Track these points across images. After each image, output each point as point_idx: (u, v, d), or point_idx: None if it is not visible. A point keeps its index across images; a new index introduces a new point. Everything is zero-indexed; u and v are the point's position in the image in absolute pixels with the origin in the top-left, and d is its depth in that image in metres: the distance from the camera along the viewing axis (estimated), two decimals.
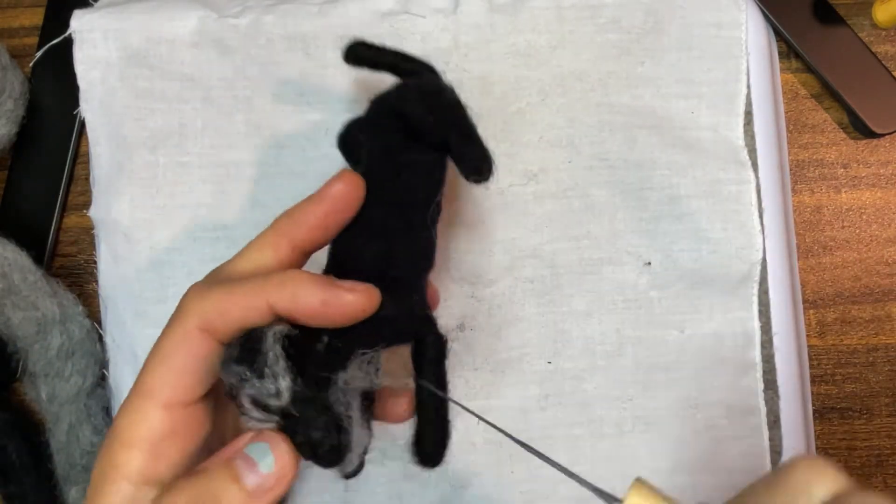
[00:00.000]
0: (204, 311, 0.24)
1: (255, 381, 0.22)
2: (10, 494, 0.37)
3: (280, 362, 0.23)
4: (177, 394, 0.24)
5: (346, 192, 0.27)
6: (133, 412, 0.24)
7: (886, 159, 0.42)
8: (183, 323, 0.25)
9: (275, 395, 0.22)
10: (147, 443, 0.24)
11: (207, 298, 0.25)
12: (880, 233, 0.42)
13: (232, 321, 0.24)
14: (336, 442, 0.23)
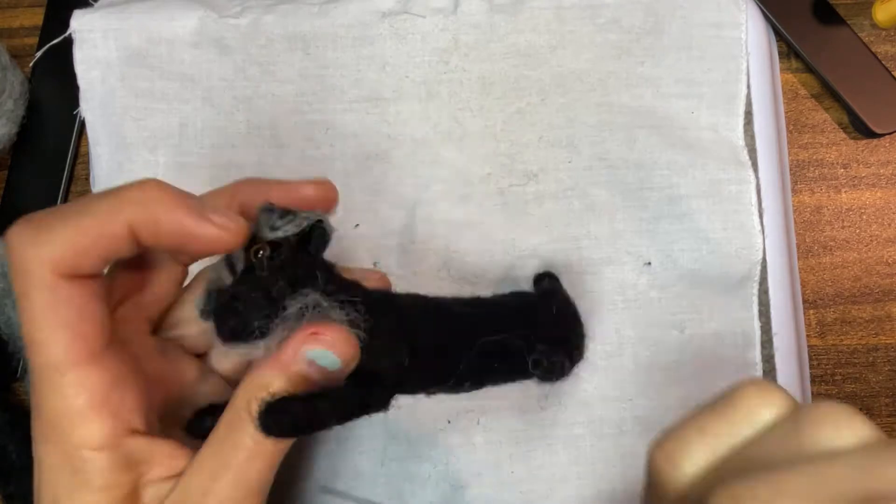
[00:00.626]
0: (52, 258, 0.21)
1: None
2: (10, 494, 0.37)
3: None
4: (88, 347, 0.21)
5: (318, 196, 0.27)
6: (54, 391, 0.21)
7: (886, 159, 0.42)
8: (32, 279, 0.21)
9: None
10: (110, 407, 0.22)
11: (49, 241, 0.21)
12: (880, 233, 0.42)
13: (92, 258, 0.21)
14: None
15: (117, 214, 0.21)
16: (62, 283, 0.21)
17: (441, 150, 0.39)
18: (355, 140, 0.39)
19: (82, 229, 0.21)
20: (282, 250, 0.24)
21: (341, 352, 0.23)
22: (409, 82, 0.39)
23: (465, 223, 0.38)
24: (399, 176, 0.39)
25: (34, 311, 0.21)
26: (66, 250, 0.21)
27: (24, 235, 0.21)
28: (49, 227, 0.21)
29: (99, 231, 0.21)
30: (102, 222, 0.21)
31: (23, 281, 0.21)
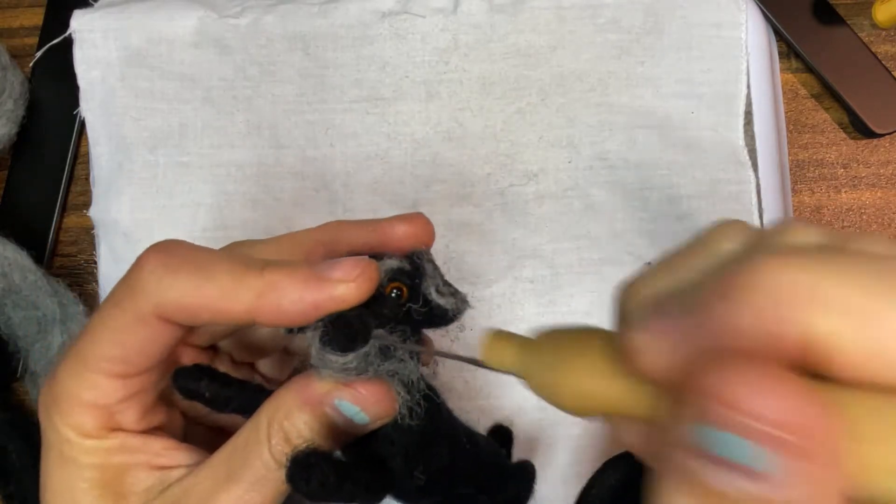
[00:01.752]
0: (164, 301, 0.21)
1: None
2: (10, 494, 0.37)
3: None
4: (128, 369, 0.22)
5: (411, 234, 0.25)
6: (83, 377, 0.22)
7: (886, 159, 0.42)
8: (137, 303, 0.21)
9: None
10: (100, 406, 0.22)
11: (171, 286, 0.21)
12: (880, 233, 0.42)
13: (195, 320, 0.22)
14: None
15: (238, 299, 0.21)
16: (153, 322, 0.22)
17: (441, 150, 0.39)
18: (355, 140, 0.39)
19: (203, 296, 0.21)
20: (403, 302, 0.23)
21: (372, 410, 0.22)
22: (409, 82, 0.39)
23: (465, 223, 0.38)
24: (399, 176, 0.39)
25: (117, 317, 0.22)
26: (177, 304, 0.21)
27: (160, 263, 0.21)
28: (177, 276, 0.21)
29: (217, 307, 0.21)
30: (223, 301, 0.21)
31: (128, 291, 0.22)
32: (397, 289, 0.23)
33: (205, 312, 0.21)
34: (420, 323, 0.24)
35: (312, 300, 0.21)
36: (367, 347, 0.21)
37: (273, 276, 0.21)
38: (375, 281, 0.22)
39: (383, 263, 0.23)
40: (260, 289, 0.21)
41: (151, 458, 0.23)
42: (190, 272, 0.21)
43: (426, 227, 0.26)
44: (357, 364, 0.22)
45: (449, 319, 0.24)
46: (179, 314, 0.21)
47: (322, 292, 0.21)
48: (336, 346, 0.21)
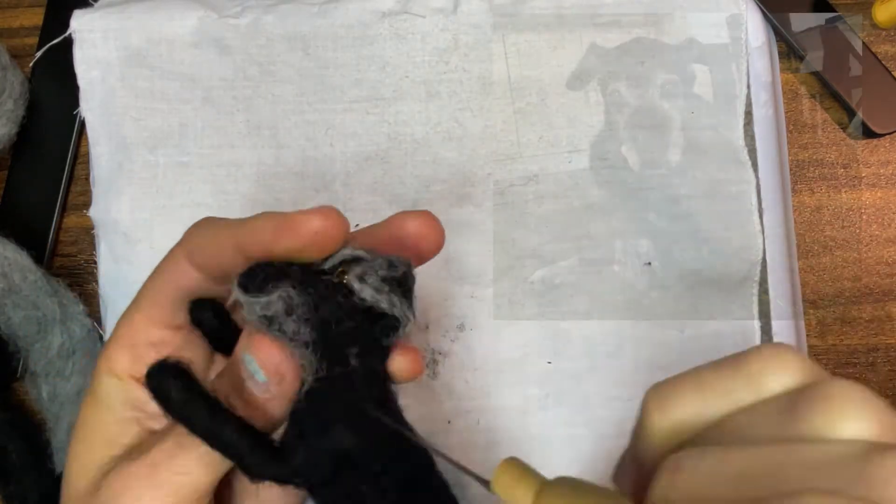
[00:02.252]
0: (191, 244, 0.25)
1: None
2: (10, 494, 0.37)
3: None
4: (157, 313, 0.25)
5: (423, 231, 0.25)
6: (125, 318, 0.25)
7: (886, 159, 0.42)
8: (177, 248, 0.25)
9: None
10: (131, 345, 0.25)
11: (199, 233, 0.24)
12: (880, 233, 0.42)
13: (209, 259, 0.24)
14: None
15: (231, 234, 0.23)
16: (183, 263, 0.25)
17: (441, 150, 0.39)
18: (355, 140, 0.39)
19: (211, 235, 0.24)
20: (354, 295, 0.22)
21: (268, 368, 0.22)
22: (409, 82, 0.39)
23: (465, 223, 0.38)
24: (399, 176, 0.39)
25: (162, 263, 0.25)
26: (197, 243, 0.24)
27: (204, 219, 0.25)
28: (205, 224, 0.25)
29: (218, 241, 0.24)
30: (222, 236, 0.24)
31: (179, 241, 0.25)
32: (342, 273, 0.23)
33: (212, 247, 0.24)
34: (363, 325, 0.22)
35: (276, 224, 0.22)
36: (272, 296, 0.21)
37: (257, 215, 0.23)
38: (334, 225, 0.22)
39: (348, 249, 0.23)
40: (246, 221, 0.23)
41: (146, 419, 0.25)
42: (212, 221, 0.24)
43: (435, 228, 0.26)
44: (269, 314, 0.21)
45: (390, 325, 0.23)
46: (199, 253, 0.24)
47: (286, 218, 0.22)
48: (241, 279, 0.22)
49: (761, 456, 0.15)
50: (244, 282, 0.22)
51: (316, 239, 0.22)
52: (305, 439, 0.22)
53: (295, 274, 0.22)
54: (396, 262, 0.23)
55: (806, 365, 0.17)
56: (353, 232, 0.25)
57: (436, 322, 0.38)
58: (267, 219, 0.22)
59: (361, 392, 0.22)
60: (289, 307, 0.22)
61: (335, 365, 0.22)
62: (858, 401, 0.15)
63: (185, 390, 0.21)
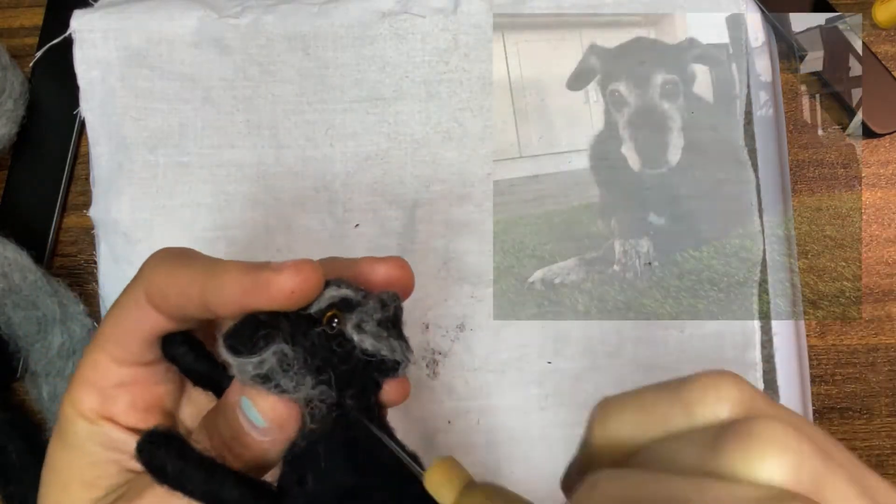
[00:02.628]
0: (151, 284, 0.23)
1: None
2: (10, 494, 0.37)
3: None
4: (122, 353, 0.24)
5: (392, 278, 0.24)
6: (89, 356, 0.24)
7: (886, 159, 0.42)
8: (136, 287, 0.23)
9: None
10: (97, 387, 0.24)
11: (159, 273, 0.23)
12: (880, 233, 0.42)
13: (171, 306, 0.23)
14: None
15: (196, 283, 0.22)
16: (144, 305, 0.23)
17: (441, 150, 0.39)
18: (355, 140, 0.39)
19: (174, 281, 0.22)
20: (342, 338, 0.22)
21: (268, 415, 0.22)
22: (409, 82, 0.39)
23: (465, 223, 0.38)
24: (399, 176, 0.39)
25: (122, 301, 0.24)
26: (158, 287, 0.23)
27: (160, 254, 0.24)
28: (164, 263, 0.23)
29: (182, 290, 0.22)
30: (187, 285, 0.22)
31: (135, 276, 0.24)
32: (333, 317, 0.22)
33: (175, 297, 0.22)
34: (359, 369, 0.22)
35: (245, 285, 0.21)
36: (265, 356, 0.21)
37: (225, 265, 0.22)
38: (309, 281, 0.21)
39: (331, 289, 0.22)
40: (213, 275, 0.22)
41: (126, 459, 0.24)
42: (174, 262, 0.23)
43: (406, 272, 0.24)
44: (263, 372, 0.21)
45: (389, 367, 0.23)
46: (160, 298, 0.23)
47: (256, 278, 0.21)
48: (227, 341, 0.21)
49: (673, 488, 0.15)
50: (233, 343, 0.21)
51: (291, 298, 0.21)
52: (305, 485, 0.22)
53: (284, 326, 0.21)
54: (387, 299, 0.23)
55: (745, 396, 0.17)
56: (322, 261, 0.24)
57: (436, 322, 0.38)
58: (235, 276, 0.21)
59: (358, 430, 0.22)
60: (283, 364, 0.21)
61: (332, 408, 0.22)
62: (780, 443, 0.15)
63: (179, 460, 0.21)
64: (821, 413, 0.41)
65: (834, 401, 0.41)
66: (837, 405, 0.41)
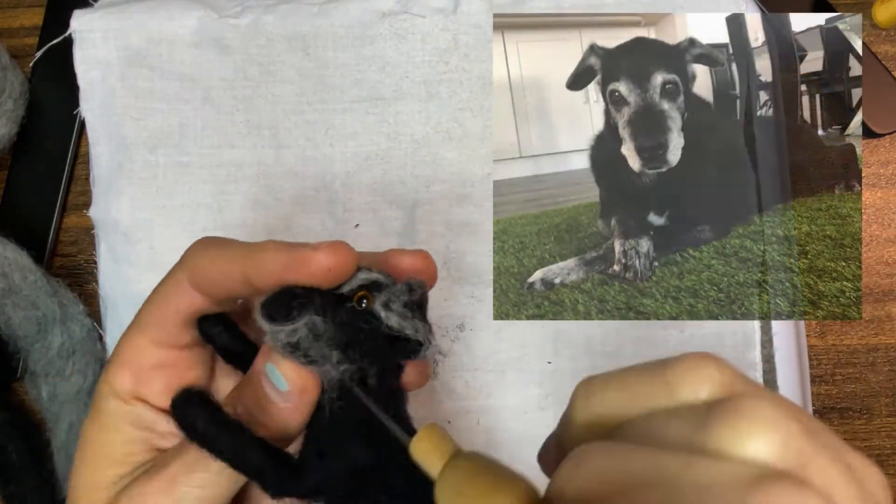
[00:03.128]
0: (194, 268, 0.24)
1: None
2: (10, 494, 0.37)
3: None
4: (161, 335, 0.25)
5: (417, 269, 0.25)
6: (127, 339, 0.25)
7: (886, 159, 0.42)
8: (178, 271, 0.25)
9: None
10: (134, 367, 0.25)
11: (203, 256, 0.24)
12: (880, 233, 0.42)
13: (213, 286, 0.24)
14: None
15: (238, 263, 0.23)
16: (186, 288, 0.24)
17: (441, 150, 0.39)
18: (355, 140, 0.39)
19: (217, 263, 0.24)
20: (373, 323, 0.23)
21: (291, 378, 0.23)
22: (409, 82, 0.39)
23: (465, 223, 0.38)
24: (399, 176, 0.39)
25: (163, 286, 0.25)
26: (201, 270, 0.24)
27: (203, 241, 0.25)
28: (208, 249, 0.24)
29: (224, 270, 0.23)
30: (229, 264, 0.23)
31: (178, 262, 0.25)
32: (363, 298, 0.23)
33: (217, 274, 0.23)
34: (384, 347, 0.23)
35: (284, 261, 0.22)
36: (298, 324, 0.22)
37: (265, 243, 0.23)
38: (345, 261, 0.22)
39: (363, 272, 0.23)
40: (254, 251, 0.23)
41: (155, 438, 0.25)
42: (216, 244, 0.24)
43: (430, 264, 0.25)
44: (294, 340, 0.22)
45: (411, 349, 0.24)
46: (203, 278, 0.24)
47: (295, 254, 0.22)
48: (265, 309, 0.22)
49: (660, 462, 0.15)
50: (270, 311, 0.22)
51: (327, 275, 0.22)
52: (325, 458, 0.23)
53: (317, 300, 0.22)
54: (415, 285, 0.24)
55: (726, 377, 0.17)
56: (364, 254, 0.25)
57: (436, 322, 0.38)
58: (276, 252, 0.22)
59: (379, 410, 0.23)
60: (314, 334, 0.22)
61: (355, 386, 0.23)
62: (767, 419, 0.15)
63: (211, 419, 0.22)
64: (821, 413, 0.41)
65: (834, 401, 0.41)
66: (837, 405, 0.41)
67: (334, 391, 0.23)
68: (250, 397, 0.23)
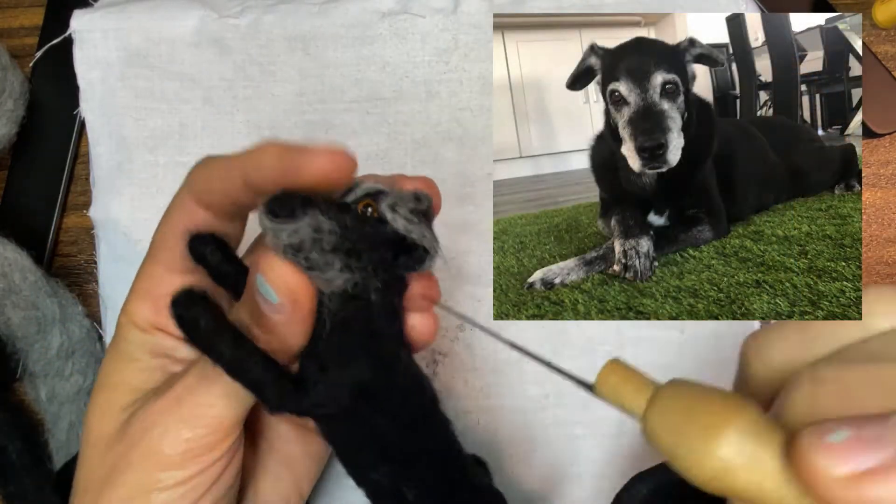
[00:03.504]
0: (195, 180, 0.24)
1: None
2: (10, 494, 0.37)
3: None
4: (173, 260, 0.25)
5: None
6: (143, 269, 0.26)
7: (886, 159, 0.42)
8: (181, 189, 0.25)
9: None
10: (151, 296, 0.25)
11: (203, 167, 0.24)
12: (880, 233, 0.42)
13: (214, 193, 0.24)
14: None
15: (237, 166, 0.23)
16: (189, 205, 0.25)
17: (441, 150, 0.39)
18: (355, 140, 0.39)
19: (216, 171, 0.24)
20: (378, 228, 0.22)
21: (280, 289, 0.21)
22: (409, 82, 0.39)
23: (465, 223, 0.38)
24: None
25: (169, 210, 0.25)
26: (202, 181, 0.24)
27: (206, 158, 0.25)
28: (208, 162, 0.24)
29: (224, 175, 0.24)
30: (228, 169, 0.24)
31: (183, 183, 0.25)
32: (368, 206, 0.22)
33: (219, 182, 0.24)
34: (388, 256, 0.22)
35: (283, 161, 0.22)
36: (301, 223, 0.21)
37: (264, 145, 0.23)
38: (343, 166, 0.22)
39: (367, 183, 0.22)
40: (253, 154, 0.23)
41: (173, 364, 0.25)
42: (215, 157, 0.24)
43: (434, 189, 0.25)
44: (296, 241, 0.21)
45: (417, 258, 0.23)
46: (205, 191, 0.24)
47: (293, 156, 0.22)
48: (269, 205, 0.21)
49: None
50: (272, 207, 0.21)
51: (325, 179, 0.22)
52: (326, 372, 0.22)
53: (322, 203, 0.21)
54: (421, 195, 0.23)
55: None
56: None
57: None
58: (274, 153, 0.22)
59: (381, 326, 0.22)
60: (317, 236, 0.21)
61: (357, 299, 0.22)
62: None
63: (212, 319, 0.21)
64: None
65: None
66: None
67: (336, 302, 0.22)
68: (245, 312, 0.23)
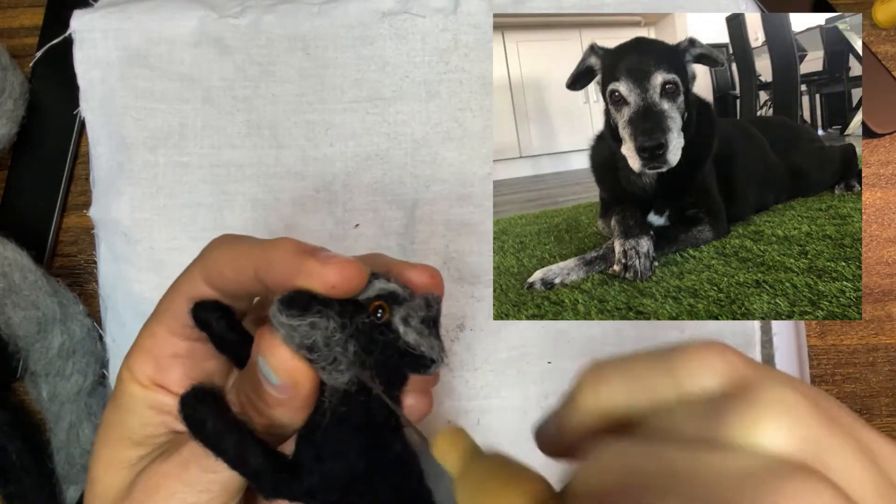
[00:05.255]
0: (207, 263, 0.25)
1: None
2: (10, 494, 0.37)
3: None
4: (176, 326, 0.26)
5: (425, 284, 0.25)
6: (147, 327, 0.26)
7: (886, 159, 0.42)
8: (194, 265, 0.26)
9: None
10: (153, 355, 0.26)
11: (215, 250, 0.25)
12: (880, 233, 0.42)
13: (224, 281, 0.24)
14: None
15: (250, 260, 0.24)
16: (200, 284, 0.25)
17: (441, 149, 0.39)
18: (355, 140, 0.39)
19: (229, 261, 0.24)
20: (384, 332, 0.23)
21: (281, 372, 0.22)
22: (409, 82, 0.39)
23: (465, 223, 0.38)
24: (399, 176, 0.39)
25: (181, 278, 0.26)
26: (214, 265, 0.25)
27: (223, 238, 0.26)
28: (223, 245, 0.25)
29: (236, 267, 0.24)
30: (240, 261, 0.24)
31: (197, 257, 0.26)
32: (380, 307, 0.23)
33: (230, 271, 0.24)
34: (394, 360, 0.23)
35: (294, 267, 0.22)
36: (316, 321, 0.21)
37: (278, 242, 0.23)
38: (352, 281, 0.22)
39: (380, 281, 0.23)
40: (266, 250, 0.23)
41: (174, 421, 0.26)
42: (231, 240, 0.25)
43: (438, 281, 0.25)
44: (309, 342, 0.22)
45: (422, 364, 0.24)
46: (216, 275, 0.25)
47: (303, 263, 0.22)
48: (284, 302, 0.22)
49: (675, 461, 0.15)
50: (288, 306, 0.22)
51: (332, 290, 0.22)
52: (321, 462, 0.23)
53: (335, 305, 0.22)
54: (432, 300, 0.24)
55: (736, 366, 0.17)
56: (365, 256, 0.26)
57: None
58: (285, 255, 0.23)
59: (379, 419, 0.23)
60: (327, 336, 0.22)
61: (360, 394, 0.23)
62: (783, 410, 0.15)
63: (218, 419, 0.22)
64: None
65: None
66: None
67: (337, 396, 0.23)
68: (248, 385, 0.24)
